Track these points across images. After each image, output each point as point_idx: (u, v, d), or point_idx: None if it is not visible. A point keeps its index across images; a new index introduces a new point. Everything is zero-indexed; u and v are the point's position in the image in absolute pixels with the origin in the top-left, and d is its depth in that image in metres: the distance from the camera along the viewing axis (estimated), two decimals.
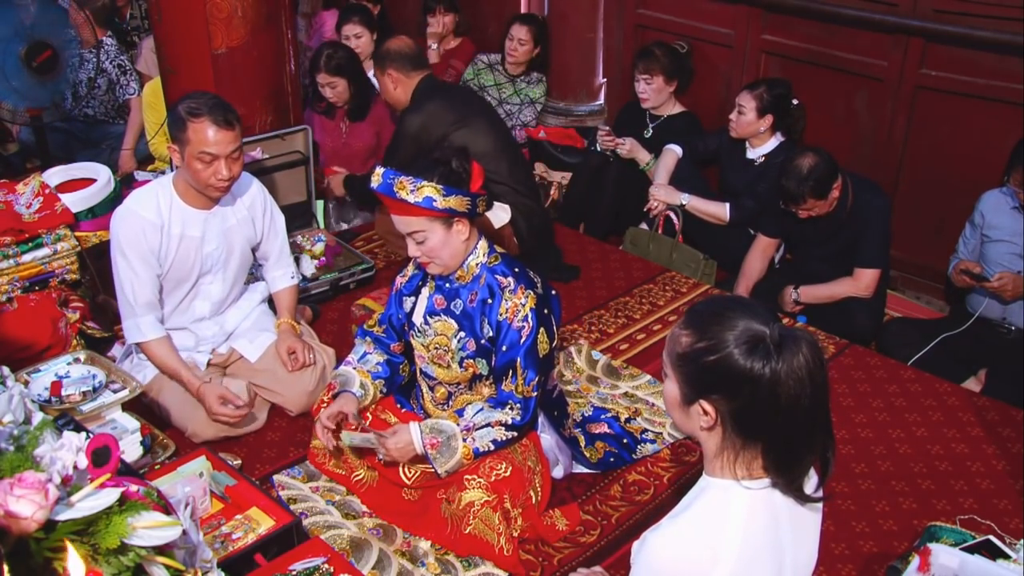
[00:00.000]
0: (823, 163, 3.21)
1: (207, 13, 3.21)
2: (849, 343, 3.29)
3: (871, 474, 2.66)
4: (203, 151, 2.51)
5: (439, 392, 2.49)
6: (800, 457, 1.42)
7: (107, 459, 1.30)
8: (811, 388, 1.35)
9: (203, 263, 2.74)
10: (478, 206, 2.28)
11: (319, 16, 5.45)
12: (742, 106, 3.74)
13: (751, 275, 3.65)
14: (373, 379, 2.50)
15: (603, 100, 4.89)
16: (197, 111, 2.51)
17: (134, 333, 2.69)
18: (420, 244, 2.27)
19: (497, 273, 2.34)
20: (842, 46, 3.81)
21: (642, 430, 2.80)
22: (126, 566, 1.24)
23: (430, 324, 2.42)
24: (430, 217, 2.23)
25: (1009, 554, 2.06)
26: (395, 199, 2.21)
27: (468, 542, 2.29)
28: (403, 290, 2.54)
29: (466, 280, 2.36)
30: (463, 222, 2.28)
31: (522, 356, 2.29)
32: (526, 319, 2.29)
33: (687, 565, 1.41)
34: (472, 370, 2.39)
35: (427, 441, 2.28)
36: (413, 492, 2.46)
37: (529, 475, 2.37)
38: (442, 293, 2.41)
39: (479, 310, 2.34)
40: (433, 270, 2.35)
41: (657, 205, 3.91)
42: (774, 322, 1.38)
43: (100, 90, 4.65)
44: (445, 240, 2.27)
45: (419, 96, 3.52)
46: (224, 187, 2.61)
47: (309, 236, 3.69)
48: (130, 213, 2.63)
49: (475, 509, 2.26)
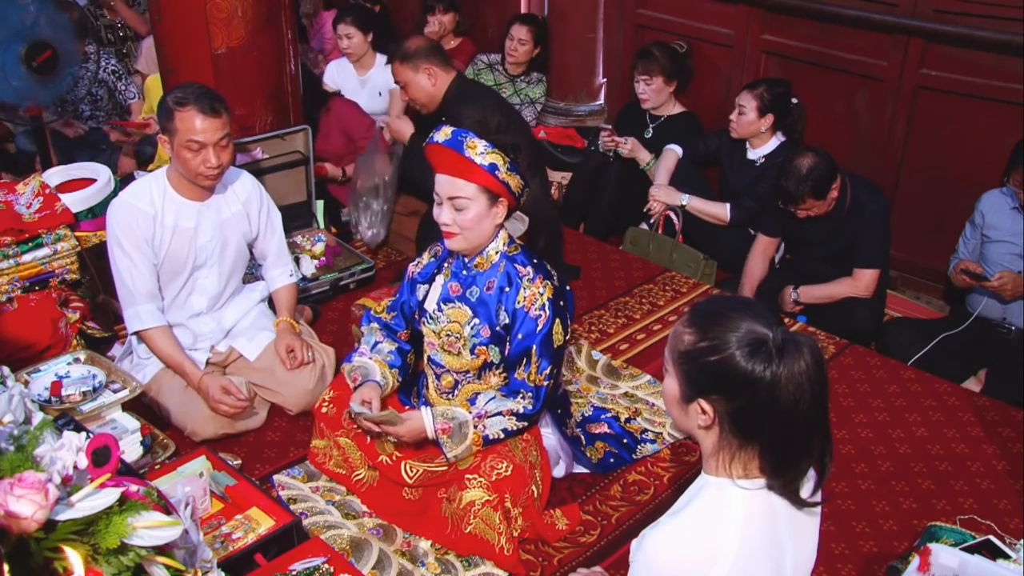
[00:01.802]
0: (822, 163, 3.21)
1: (207, 13, 3.21)
2: (849, 343, 3.29)
3: (871, 474, 2.66)
4: (190, 139, 2.53)
5: (445, 380, 2.48)
6: (796, 461, 1.42)
7: (107, 459, 1.30)
8: (811, 394, 1.36)
9: (197, 255, 2.75)
10: (523, 196, 2.32)
11: (319, 16, 5.46)
12: (742, 106, 3.74)
13: (753, 276, 3.65)
14: (390, 368, 2.51)
15: (603, 100, 4.89)
16: (183, 100, 2.53)
17: (134, 321, 2.70)
18: (458, 212, 2.26)
19: (517, 262, 2.35)
20: (842, 46, 3.81)
21: (642, 430, 2.80)
22: (126, 566, 1.24)
23: (443, 311, 2.42)
24: (481, 186, 2.24)
25: (1009, 554, 2.06)
26: (461, 155, 2.21)
27: (468, 541, 2.29)
28: (417, 278, 2.54)
29: (484, 268, 2.37)
30: (503, 206, 2.30)
31: (538, 344, 2.30)
32: (543, 308, 2.30)
33: (686, 563, 1.41)
34: (484, 357, 2.39)
35: (439, 426, 2.29)
36: (414, 491, 2.46)
37: (530, 471, 2.38)
38: (458, 280, 2.41)
39: (496, 298, 2.35)
40: (455, 244, 2.33)
41: (656, 206, 3.92)
42: (777, 325, 1.38)
43: (103, 101, 4.66)
44: (482, 216, 2.27)
45: (462, 92, 3.47)
46: (213, 175, 2.62)
47: (309, 236, 3.69)
48: (123, 203, 2.67)
49: (476, 508, 2.26)
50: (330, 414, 2.54)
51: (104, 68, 4.58)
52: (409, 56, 3.47)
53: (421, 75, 3.46)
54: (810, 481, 1.47)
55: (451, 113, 3.41)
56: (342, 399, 2.52)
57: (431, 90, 3.48)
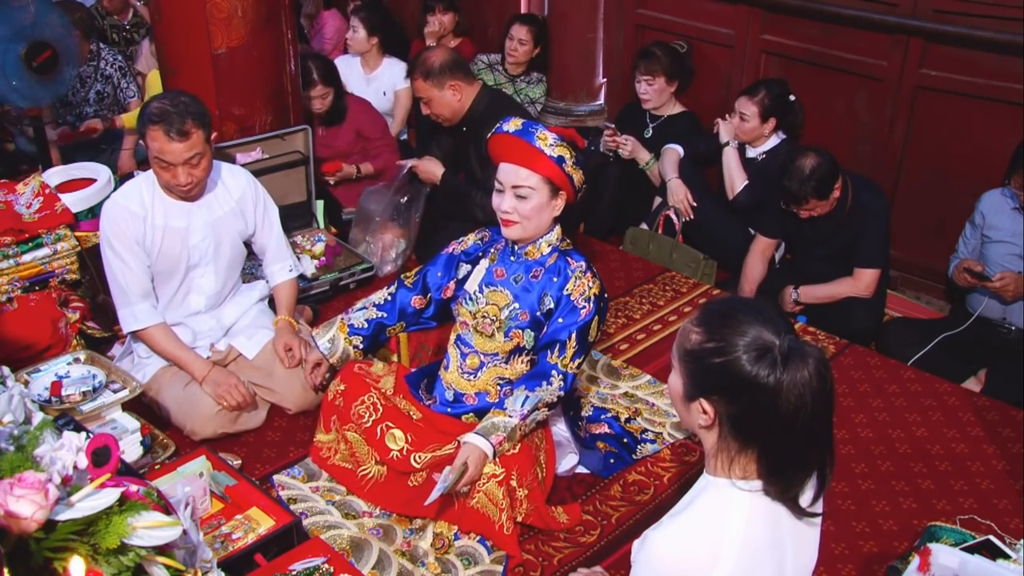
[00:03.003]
0: (825, 163, 3.21)
1: (207, 13, 3.21)
2: (849, 343, 3.29)
3: (871, 474, 2.66)
4: (157, 158, 2.55)
5: (471, 360, 2.50)
6: (792, 470, 1.42)
7: (107, 459, 1.30)
8: (812, 404, 1.36)
9: (191, 255, 2.75)
10: (582, 192, 2.38)
11: (320, 16, 5.46)
12: (743, 114, 3.74)
13: (753, 277, 3.65)
14: (349, 334, 2.61)
15: (603, 100, 4.88)
16: (154, 119, 2.50)
17: (130, 322, 2.70)
18: (520, 200, 2.31)
19: (570, 256, 2.43)
20: (842, 46, 3.81)
21: (642, 430, 2.80)
22: (126, 566, 1.25)
23: (484, 293, 2.46)
24: (546, 177, 2.29)
25: (1009, 554, 2.06)
26: (531, 145, 2.27)
27: (471, 516, 2.32)
28: (460, 256, 2.58)
29: (534, 257, 2.42)
30: (562, 199, 2.36)
31: (577, 331, 2.35)
32: (589, 300, 2.36)
33: (688, 564, 1.41)
34: (517, 341, 2.42)
35: (495, 441, 2.27)
36: (419, 476, 2.46)
37: (535, 452, 2.40)
38: (504, 264, 2.46)
39: (543, 285, 2.40)
40: (512, 233, 2.38)
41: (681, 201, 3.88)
42: (786, 333, 1.38)
43: (109, 99, 4.66)
44: (542, 207, 2.33)
45: (492, 106, 3.44)
46: (184, 191, 2.63)
47: (309, 236, 3.69)
48: (114, 204, 2.68)
49: (482, 482, 2.28)
50: (340, 406, 2.54)
51: (112, 64, 4.58)
52: (433, 73, 3.42)
53: (447, 92, 3.43)
54: (810, 490, 1.46)
55: (479, 126, 3.40)
56: (352, 391, 2.53)
57: (456, 105, 3.46)
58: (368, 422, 2.47)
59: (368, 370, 2.61)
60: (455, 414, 2.53)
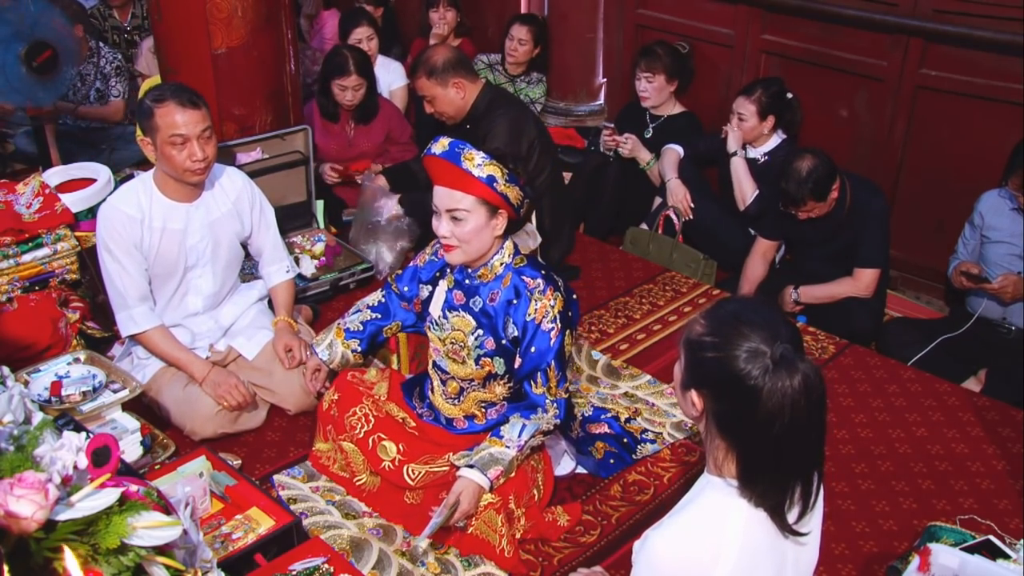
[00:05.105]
0: (822, 165, 3.21)
1: (207, 13, 3.21)
2: (849, 343, 3.29)
3: (871, 474, 2.66)
4: (173, 134, 2.53)
5: (451, 386, 2.48)
6: (767, 478, 1.41)
7: (107, 459, 1.30)
8: (789, 415, 1.35)
9: (188, 256, 2.75)
10: (523, 207, 2.29)
11: (319, 16, 5.45)
12: (741, 114, 3.74)
13: (753, 279, 3.65)
14: (346, 339, 2.62)
15: (603, 100, 4.89)
16: (161, 97, 2.54)
17: (129, 325, 2.70)
18: (456, 223, 2.23)
19: (524, 275, 2.32)
20: (842, 46, 3.81)
21: (642, 430, 2.80)
22: (126, 566, 1.24)
23: (448, 319, 2.41)
24: (480, 198, 2.21)
25: (1009, 554, 2.06)
26: (458, 167, 2.18)
27: (470, 542, 2.30)
28: (421, 274, 2.54)
29: (488, 279, 2.35)
30: (502, 218, 2.27)
31: (554, 359, 2.29)
32: (555, 320, 2.28)
33: (689, 564, 1.42)
34: (488, 369, 2.38)
35: (491, 476, 2.25)
36: (415, 495, 2.45)
37: (532, 473, 2.39)
38: (461, 289, 2.40)
39: (503, 310, 2.32)
40: (453, 258, 2.31)
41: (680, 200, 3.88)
42: (785, 343, 1.38)
43: (107, 97, 4.67)
44: (481, 229, 2.25)
45: (495, 105, 3.44)
46: (200, 168, 2.61)
47: (309, 236, 3.69)
48: (110, 208, 2.67)
49: (479, 511, 2.27)
50: (335, 416, 2.54)
51: (111, 63, 4.59)
52: (437, 71, 3.42)
53: (451, 90, 3.44)
54: (798, 506, 1.44)
55: (483, 124, 3.41)
56: (345, 401, 2.53)
57: (460, 103, 3.47)
58: (360, 433, 2.47)
59: (361, 378, 2.60)
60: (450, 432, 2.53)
